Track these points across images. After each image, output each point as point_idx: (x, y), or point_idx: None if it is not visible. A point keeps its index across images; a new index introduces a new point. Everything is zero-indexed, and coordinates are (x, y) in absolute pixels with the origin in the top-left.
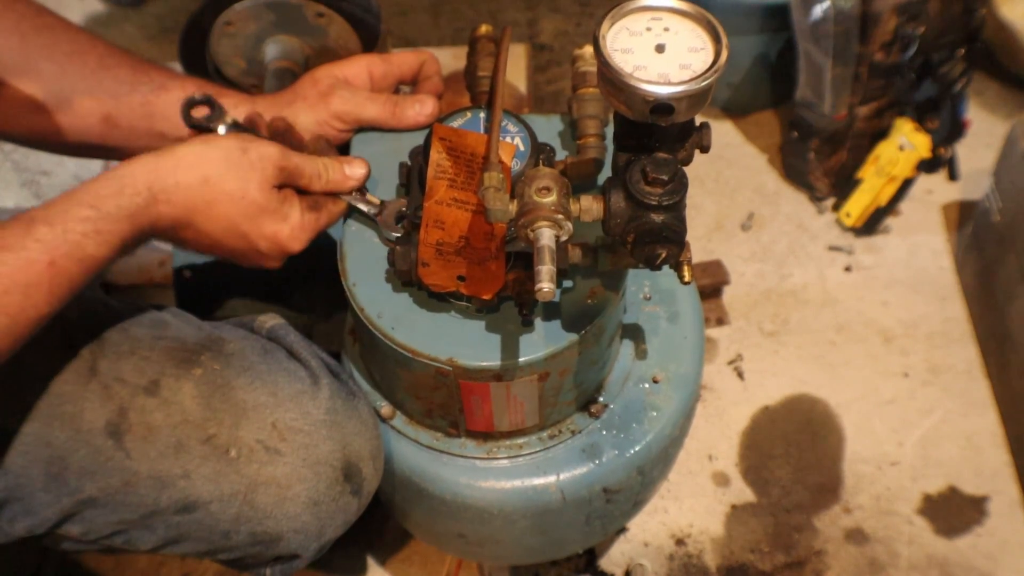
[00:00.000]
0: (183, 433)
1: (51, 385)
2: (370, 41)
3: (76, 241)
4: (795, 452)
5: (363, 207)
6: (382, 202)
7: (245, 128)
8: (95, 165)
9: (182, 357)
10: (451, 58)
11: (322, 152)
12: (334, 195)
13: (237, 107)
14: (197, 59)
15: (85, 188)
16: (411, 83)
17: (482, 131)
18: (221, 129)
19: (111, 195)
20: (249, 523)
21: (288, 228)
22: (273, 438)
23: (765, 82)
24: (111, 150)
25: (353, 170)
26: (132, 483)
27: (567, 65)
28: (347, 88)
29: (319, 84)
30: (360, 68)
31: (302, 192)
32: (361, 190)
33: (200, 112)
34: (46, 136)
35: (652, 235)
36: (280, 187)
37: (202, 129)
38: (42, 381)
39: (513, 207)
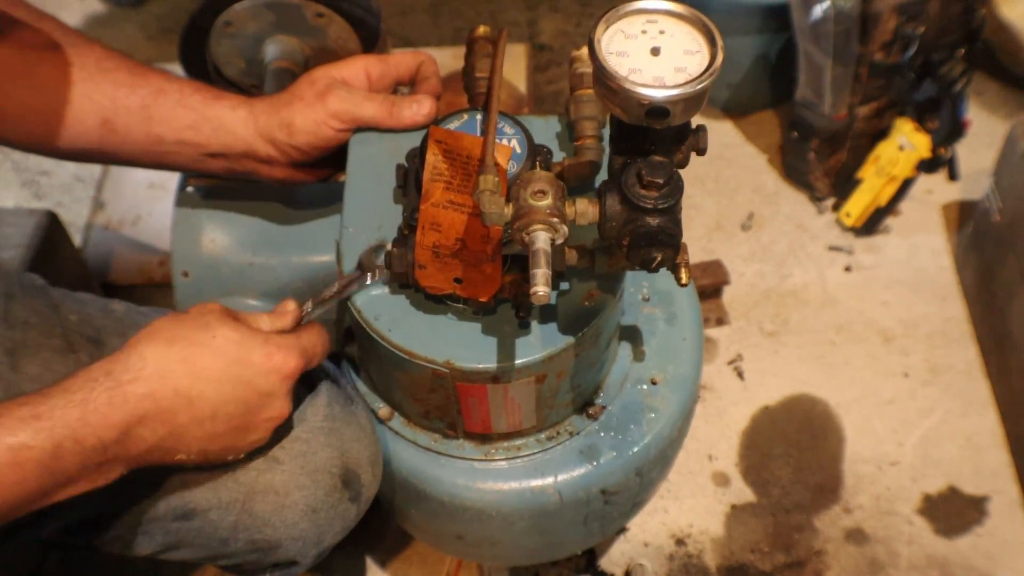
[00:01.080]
0: None
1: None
2: (370, 41)
3: (8, 426)
4: (795, 452)
5: (352, 289)
6: (360, 265)
7: None
8: (96, 167)
9: None
10: (450, 58)
11: None
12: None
13: (235, 109)
14: (197, 59)
15: (39, 391)
16: (409, 84)
17: (479, 133)
18: None
19: (58, 385)
20: (247, 530)
21: (275, 348)
22: (271, 445)
23: (765, 82)
24: (109, 154)
25: (283, 305)
26: (131, 490)
27: (567, 65)
28: (344, 87)
29: (316, 84)
30: (358, 69)
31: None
32: (332, 284)
33: None
34: (44, 140)
35: (647, 238)
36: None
37: None
38: (42, 385)
39: (509, 210)
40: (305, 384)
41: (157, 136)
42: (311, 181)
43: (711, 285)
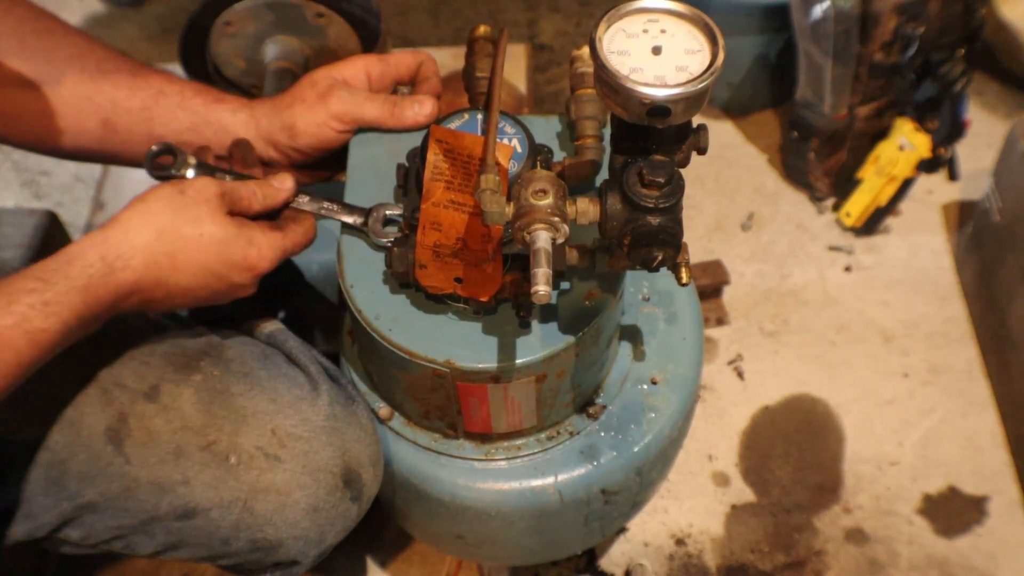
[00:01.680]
0: (183, 439)
1: (51, 390)
2: (370, 41)
3: (22, 313)
4: (795, 452)
5: (345, 219)
6: (366, 209)
7: (208, 166)
8: (96, 167)
9: (182, 363)
10: (451, 58)
11: (247, 155)
12: (301, 212)
13: (236, 112)
14: (197, 60)
15: (34, 266)
16: (409, 84)
17: (479, 133)
18: (189, 173)
19: (59, 268)
20: (249, 530)
21: (255, 249)
22: (273, 445)
23: (765, 82)
24: (110, 155)
25: (282, 183)
26: (132, 489)
27: (567, 65)
28: (345, 88)
29: (317, 86)
30: (358, 69)
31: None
32: (334, 202)
33: (164, 160)
34: (44, 140)
35: (648, 238)
36: (230, 214)
37: (168, 177)
38: (42, 386)
39: (509, 209)
40: (307, 383)
41: (158, 137)
42: (312, 182)
43: (711, 285)
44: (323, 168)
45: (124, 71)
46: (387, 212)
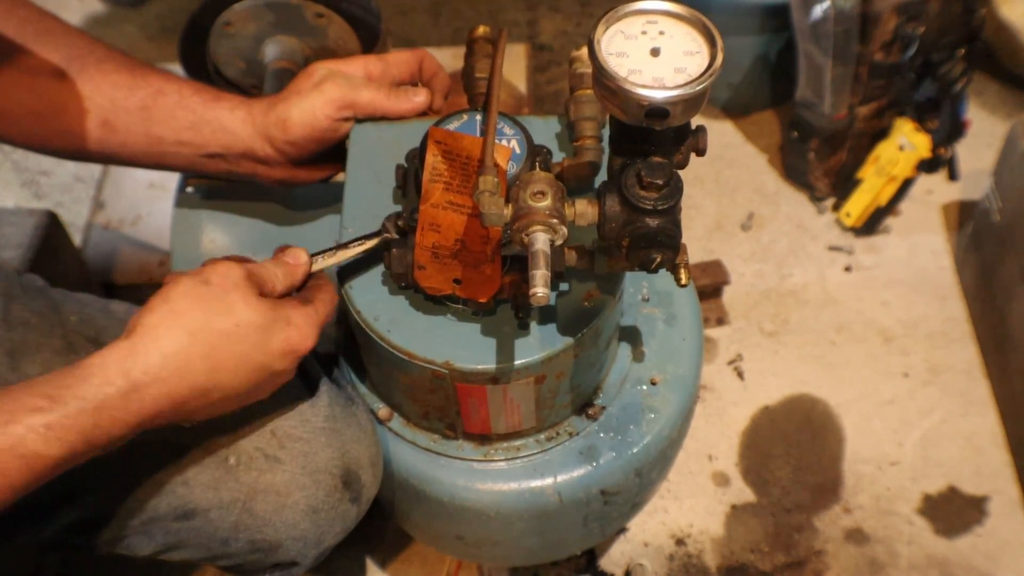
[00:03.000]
0: (182, 440)
1: None
2: (370, 41)
3: (19, 435)
4: (795, 452)
5: (368, 245)
6: (379, 229)
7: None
8: (95, 167)
9: None
10: (451, 58)
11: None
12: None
13: (234, 110)
14: (197, 59)
15: (48, 377)
16: (412, 83)
17: (478, 134)
18: None
19: (72, 384)
20: (248, 530)
21: (295, 330)
22: (272, 446)
23: (765, 82)
24: (109, 155)
25: (296, 258)
26: (132, 489)
27: (567, 65)
28: (341, 75)
29: (313, 76)
30: (357, 67)
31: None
32: (348, 244)
33: None
34: (44, 140)
35: (647, 240)
36: (260, 296)
37: None
38: None
39: (508, 211)
40: (306, 384)
41: (157, 137)
42: (311, 181)
43: (711, 285)
44: (322, 168)
45: (123, 70)
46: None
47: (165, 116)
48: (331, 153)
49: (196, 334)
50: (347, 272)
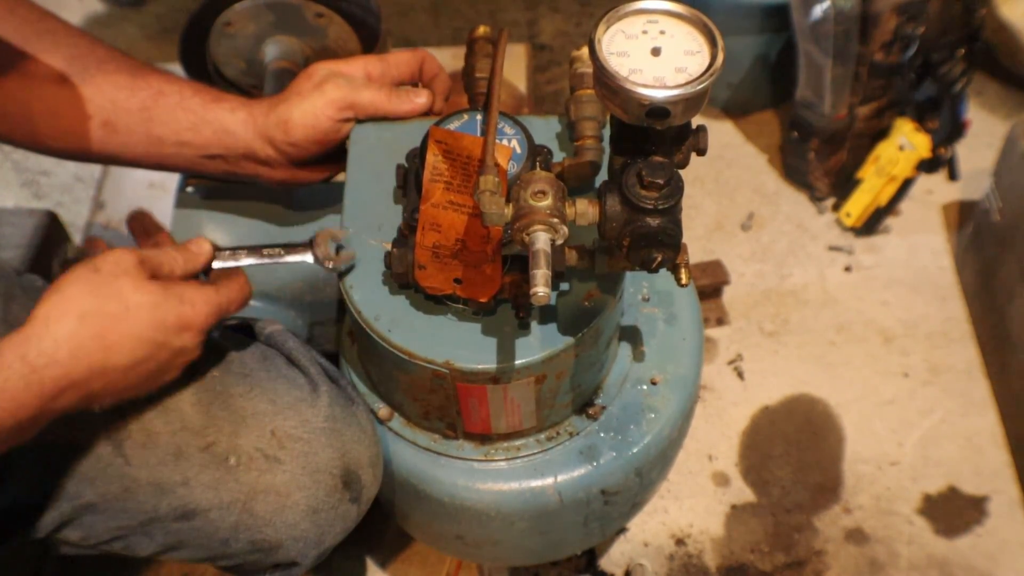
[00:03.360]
0: (182, 440)
1: None
2: (370, 41)
3: None
4: (795, 452)
5: (288, 259)
6: (307, 242)
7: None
8: (95, 167)
9: None
10: (451, 58)
11: (147, 225)
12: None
13: (234, 111)
14: (197, 59)
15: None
16: (412, 84)
17: (479, 133)
18: None
19: None
20: (248, 531)
21: (188, 306)
22: (272, 446)
23: (765, 82)
24: (110, 155)
25: (199, 247)
26: (131, 490)
27: (567, 65)
28: (342, 76)
29: (313, 77)
30: (357, 68)
31: None
32: (278, 249)
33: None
34: (45, 141)
35: (648, 239)
36: (152, 279)
37: None
38: None
39: (509, 211)
40: (306, 384)
41: (157, 138)
42: (312, 182)
43: (711, 285)
44: (322, 168)
45: (124, 71)
46: (332, 238)
47: (166, 117)
48: (332, 153)
49: (85, 317)
50: (347, 271)
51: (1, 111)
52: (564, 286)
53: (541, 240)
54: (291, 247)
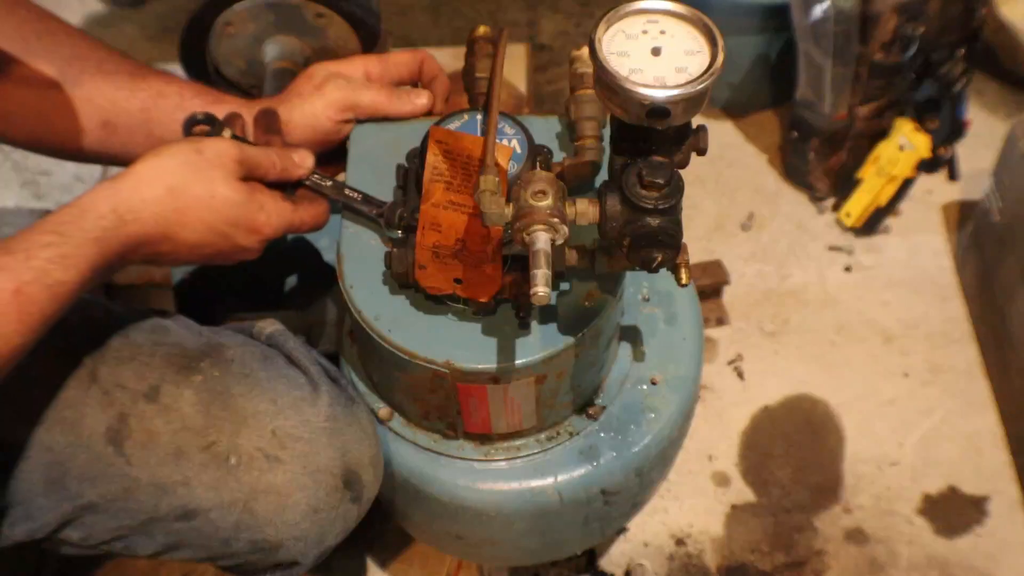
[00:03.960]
0: (183, 440)
1: (51, 391)
2: (370, 41)
3: (41, 267)
4: (795, 452)
5: (363, 207)
6: (386, 203)
7: (243, 139)
8: (95, 167)
9: (182, 363)
10: (451, 58)
11: (271, 123)
12: (323, 195)
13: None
14: (197, 60)
15: (47, 218)
16: (412, 84)
17: (479, 133)
18: None
19: (73, 220)
20: (249, 530)
21: (264, 214)
22: (273, 446)
23: (765, 82)
24: (110, 156)
25: (302, 159)
26: (132, 490)
27: (567, 65)
28: (342, 77)
29: (314, 78)
30: (357, 68)
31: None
32: (359, 194)
33: (201, 130)
34: (45, 141)
35: (648, 239)
36: (244, 179)
37: None
38: (42, 387)
39: (509, 210)
40: (307, 384)
41: (158, 139)
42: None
43: (711, 285)
44: (321, 168)
45: (124, 72)
46: (400, 211)
47: (165, 119)
48: (332, 153)
49: (174, 190)
50: (348, 272)
51: (1, 110)
52: (564, 286)
53: (541, 240)
54: (369, 199)
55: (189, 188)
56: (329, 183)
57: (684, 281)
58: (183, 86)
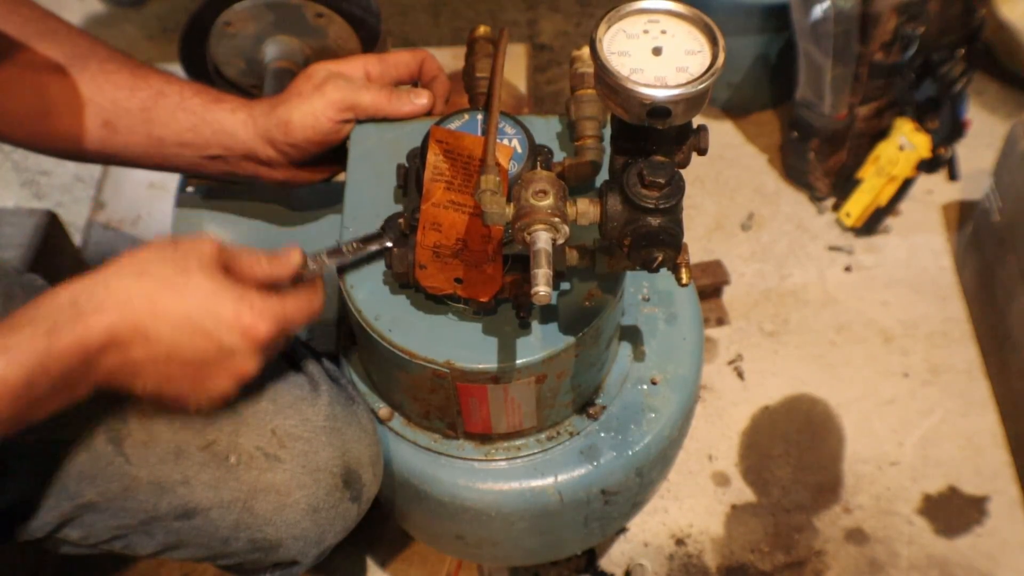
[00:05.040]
0: (183, 439)
1: None
2: (370, 41)
3: None
4: (795, 452)
5: (373, 247)
6: (382, 230)
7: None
8: (95, 167)
9: None
10: (451, 58)
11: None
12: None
13: (235, 112)
14: (197, 60)
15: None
16: (412, 84)
17: (479, 133)
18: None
19: (25, 311)
20: (248, 529)
21: (247, 306)
22: (273, 445)
23: (765, 82)
24: (111, 156)
25: (288, 255)
26: (132, 489)
27: (567, 65)
28: (342, 78)
29: (313, 78)
30: (357, 67)
31: None
32: (356, 243)
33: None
34: (45, 141)
35: (648, 239)
36: (225, 271)
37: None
38: None
39: (510, 210)
40: (307, 383)
41: (158, 138)
42: (313, 182)
43: (711, 285)
44: (323, 168)
45: (125, 72)
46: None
47: (166, 118)
48: (332, 153)
49: (143, 276)
50: (348, 270)
51: (1, 109)
52: (565, 286)
53: (542, 239)
54: (369, 238)
55: (159, 273)
56: (325, 259)
57: (684, 281)
58: (183, 85)
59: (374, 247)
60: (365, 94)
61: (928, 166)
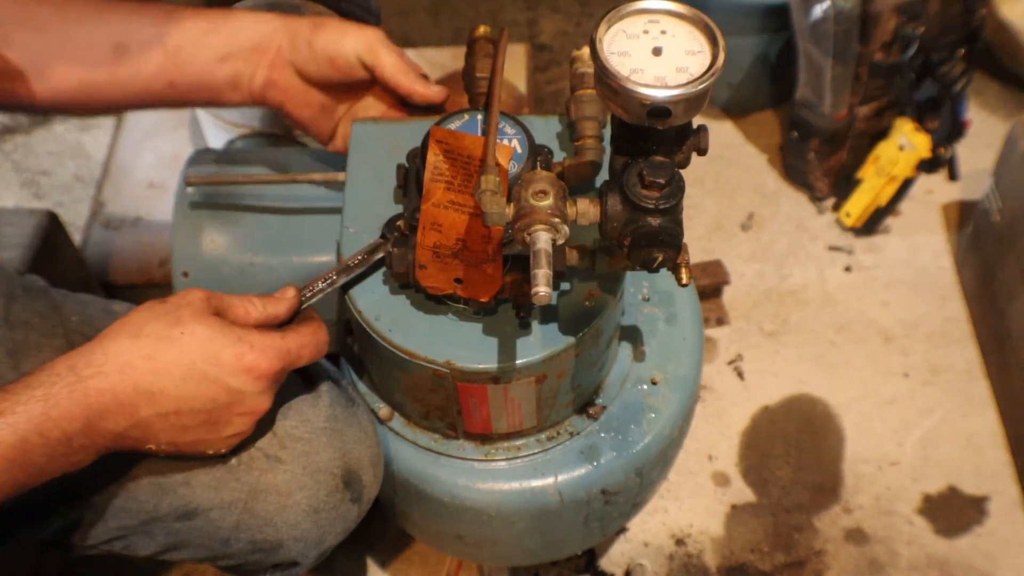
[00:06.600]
0: None
1: None
2: None
3: None
4: (795, 452)
5: (375, 257)
6: (380, 238)
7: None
8: (95, 167)
9: None
10: (450, 58)
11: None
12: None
13: (261, 14)
14: None
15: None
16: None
17: (480, 133)
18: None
19: (24, 378)
20: (249, 530)
21: (247, 346)
22: (273, 446)
23: (765, 82)
24: (119, 87)
25: (283, 293)
26: (132, 489)
27: (567, 65)
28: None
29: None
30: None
31: None
32: (359, 256)
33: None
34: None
35: (648, 239)
36: (217, 316)
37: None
38: None
39: (510, 210)
40: (307, 384)
41: (174, 48)
42: (319, 138)
43: (711, 285)
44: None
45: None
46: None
47: (186, 24)
48: (338, 91)
49: (138, 337)
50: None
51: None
52: (565, 286)
53: (542, 240)
54: (374, 247)
55: (154, 330)
56: (323, 284)
57: (684, 281)
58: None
59: (380, 255)
60: (389, 55)
61: (928, 166)
